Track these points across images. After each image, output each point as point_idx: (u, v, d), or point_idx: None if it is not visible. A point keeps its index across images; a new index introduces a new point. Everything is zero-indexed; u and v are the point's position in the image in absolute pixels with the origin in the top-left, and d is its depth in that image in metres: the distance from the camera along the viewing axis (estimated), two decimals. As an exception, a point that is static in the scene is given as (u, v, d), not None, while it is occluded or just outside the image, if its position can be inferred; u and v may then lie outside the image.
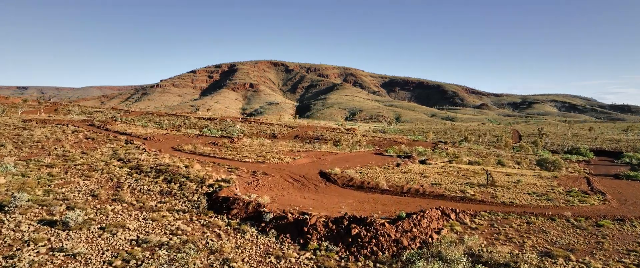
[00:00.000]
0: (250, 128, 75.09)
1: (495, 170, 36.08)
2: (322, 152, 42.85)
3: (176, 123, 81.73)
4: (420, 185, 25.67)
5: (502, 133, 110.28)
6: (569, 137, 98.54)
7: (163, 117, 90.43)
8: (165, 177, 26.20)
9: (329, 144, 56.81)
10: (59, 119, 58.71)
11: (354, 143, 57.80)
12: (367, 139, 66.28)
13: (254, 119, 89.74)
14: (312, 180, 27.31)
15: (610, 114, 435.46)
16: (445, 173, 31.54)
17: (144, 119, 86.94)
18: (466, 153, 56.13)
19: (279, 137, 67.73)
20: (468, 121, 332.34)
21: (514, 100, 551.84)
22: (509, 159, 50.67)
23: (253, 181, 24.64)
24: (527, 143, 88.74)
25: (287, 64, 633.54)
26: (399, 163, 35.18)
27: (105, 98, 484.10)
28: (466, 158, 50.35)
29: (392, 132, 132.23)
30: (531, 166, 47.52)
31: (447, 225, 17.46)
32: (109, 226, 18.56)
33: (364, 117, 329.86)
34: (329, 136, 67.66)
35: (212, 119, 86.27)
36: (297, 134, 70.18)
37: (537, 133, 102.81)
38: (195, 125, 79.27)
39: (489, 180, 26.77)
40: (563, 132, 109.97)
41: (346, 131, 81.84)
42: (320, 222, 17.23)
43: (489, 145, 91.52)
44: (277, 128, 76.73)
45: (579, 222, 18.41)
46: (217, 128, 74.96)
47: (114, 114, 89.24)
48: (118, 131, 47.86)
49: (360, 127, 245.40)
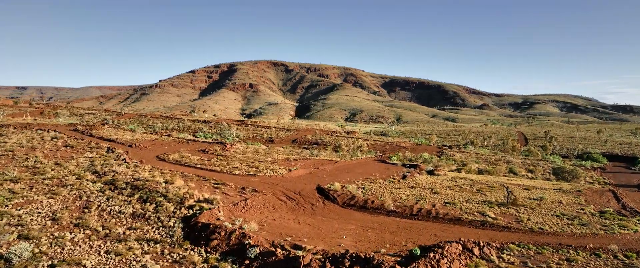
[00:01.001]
0: (247, 132, 71.91)
1: (510, 181, 32.89)
2: (321, 160, 39.67)
3: (169, 126, 78.53)
4: (431, 205, 22.47)
5: (507, 136, 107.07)
6: (577, 140, 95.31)
7: (157, 120, 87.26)
8: (141, 195, 23.01)
9: (328, 150, 53.65)
10: (43, 124, 55.50)
11: (354, 149, 54.64)
12: (368, 143, 63.11)
13: (251, 122, 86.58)
14: (308, 197, 24.13)
15: (612, 114, 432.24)
16: (457, 187, 28.34)
17: (136, 122, 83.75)
18: (474, 160, 52.96)
19: (276, 141, 64.55)
20: (469, 121, 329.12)
21: (515, 100, 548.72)
22: (520, 167, 47.50)
23: (240, 202, 21.44)
24: (535, 146, 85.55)
25: (287, 64, 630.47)
26: (405, 174, 31.98)
27: (104, 99, 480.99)
28: (475, 165, 47.20)
29: (394, 134, 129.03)
30: (545, 174, 44.34)
31: (471, 265, 14.25)
32: (61, 263, 15.38)
33: (364, 118, 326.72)
34: (328, 140, 64.49)
35: (207, 122, 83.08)
36: (295, 138, 67.00)
37: (544, 136, 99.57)
38: (189, 128, 76.10)
39: (509, 198, 23.57)
40: (570, 134, 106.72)
41: (346, 134, 78.68)
42: (316, 262, 14.04)
43: (495, 149, 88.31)
44: (275, 131, 73.54)
45: (630, 259, 15.21)
46: (212, 132, 71.78)
47: (105, 116, 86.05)
48: (102, 137, 44.65)
49: (361, 128, 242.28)
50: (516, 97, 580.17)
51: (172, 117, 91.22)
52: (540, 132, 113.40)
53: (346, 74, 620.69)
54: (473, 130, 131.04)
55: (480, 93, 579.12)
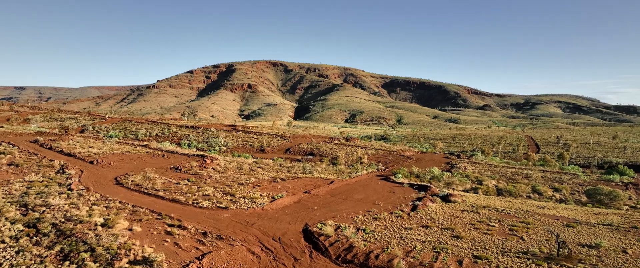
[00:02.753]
0: (236, 139, 65.96)
1: (543, 211, 26.98)
2: (314, 180, 33.74)
3: (154, 132, 72.63)
4: (457, 264, 16.50)
5: (516, 141, 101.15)
6: (592, 146, 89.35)
7: (142, 125, 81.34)
8: (64, 247, 17.04)
9: (325, 162, 47.71)
10: (1, 133, 49.52)
11: (354, 161, 48.69)
12: (369, 154, 57.17)
13: (242, 128, 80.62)
14: (290, 246, 18.19)
15: (616, 115, 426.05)
16: (483, 224, 22.41)
17: (119, 128, 77.85)
18: (488, 174, 47.02)
19: (267, 151, 58.60)
20: (472, 123, 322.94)
21: (517, 101, 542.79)
22: (543, 184, 41.56)
23: (193, 263, 15.47)
24: (549, 154, 79.67)
25: (287, 64, 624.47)
26: (415, 203, 26.04)
27: (100, 99, 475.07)
28: (491, 181, 41.27)
29: (395, 138, 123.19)
30: (575, 193, 38.40)
31: None
32: None
33: (364, 119, 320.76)
34: (325, 149, 58.55)
35: (196, 128, 77.14)
36: (289, 147, 61.07)
37: (556, 141, 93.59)
38: (175, 135, 70.20)
39: (560, 251, 17.58)
40: (582, 139, 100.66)
41: (345, 141, 72.79)
42: None
43: (505, 156, 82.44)
44: (267, 139, 67.59)
45: None
46: (198, 140, 65.87)
47: (85, 122, 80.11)
48: (62, 151, 38.71)
49: (361, 130, 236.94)
50: (518, 97, 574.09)
51: (159, 122, 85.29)
52: (551, 137, 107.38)
53: (346, 74, 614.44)
54: (479, 134, 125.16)
55: (481, 94, 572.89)
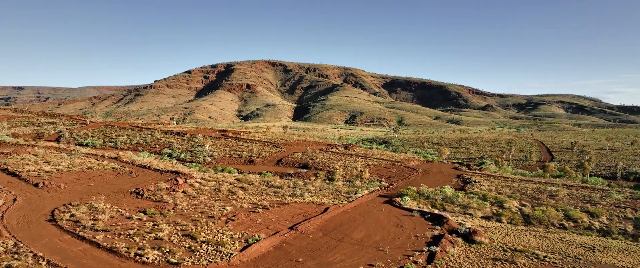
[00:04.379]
0: (223, 149, 59.88)
1: (594, 256, 20.92)
2: (304, 207, 27.71)
3: (135, 140, 66.59)
4: None
5: (527, 146, 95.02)
6: (609, 153, 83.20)
7: (124, 131, 75.30)
8: None
9: (320, 178, 41.65)
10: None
11: (354, 176, 42.62)
12: (371, 165, 51.08)
13: (233, 134, 74.55)
14: None
15: (620, 116, 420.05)
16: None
17: (98, 134, 71.84)
18: (507, 191, 40.92)
19: (256, 162, 52.53)
20: (474, 124, 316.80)
21: (519, 101, 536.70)
22: (572, 204, 35.46)
23: None
24: (565, 162, 73.51)
25: (286, 64, 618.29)
26: (432, 251, 19.97)
27: (97, 100, 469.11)
28: (513, 203, 35.20)
29: (397, 142, 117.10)
30: (616, 220, 32.28)
31: None
32: None
33: (365, 120, 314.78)
34: (320, 160, 52.48)
35: (182, 134, 71.07)
36: (281, 157, 54.99)
37: (569, 147, 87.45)
38: (158, 143, 64.14)
39: None
40: (597, 144, 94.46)
41: (344, 148, 66.77)
42: None
43: (518, 164, 76.29)
44: (258, 147, 61.50)
45: None
46: (182, 148, 59.83)
47: (64, 127, 74.15)
48: (7, 170, 32.67)
49: (361, 132, 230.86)
50: (520, 97, 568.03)
51: (144, 127, 79.26)
52: (563, 142, 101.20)
53: (346, 74, 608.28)
54: (485, 138, 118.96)
55: (483, 94, 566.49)
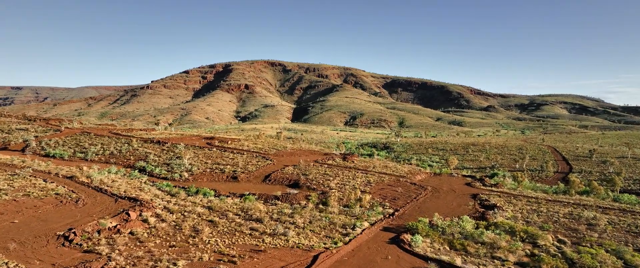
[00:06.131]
0: (206, 161, 53.03)
1: None
2: (285, 255, 20.93)
3: (109, 149, 59.78)
4: None
5: (540, 154, 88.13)
6: (631, 162, 76.26)
7: (100, 139, 68.48)
8: None
9: (311, 203, 34.84)
10: None
11: (352, 201, 35.80)
12: (372, 182, 44.24)
13: (220, 142, 67.73)
14: None
15: (624, 117, 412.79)
16: None
17: (71, 143, 65.04)
18: (536, 219, 34.01)
19: (241, 179, 45.68)
20: (477, 125, 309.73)
21: (521, 101, 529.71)
22: (620, 236, 28.62)
23: None
24: (586, 175, 66.72)
25: (285, 64, 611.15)
26: None
27: (93, 100, 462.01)
28: (549, 238, 28.27)
29: (400, 148, 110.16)
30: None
31: None
32: None
33: (365, 121, 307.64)
34: (314, 177, 45.65)
35: (162, 144, 64.23)
36: (270, 172, 48.13)
37: (588, 155, 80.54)
38: (133, 154, 57.30)
39: None
40: (616, 151, 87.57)
41: (342, 159, 59.99)
42: None
43: (533, 176, 69.45)
44: (245, 159, 54.65)
45: None
46: (159, 161, 53.01)
47: (31, 135, 67.33)
48: None
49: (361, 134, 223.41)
50: (522, 98, 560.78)
51: (122, 134, 72.46)
52: (578, 149, 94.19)
53: (346, 74, 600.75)
54: (492, 143, 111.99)
55: (484, 94, 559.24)
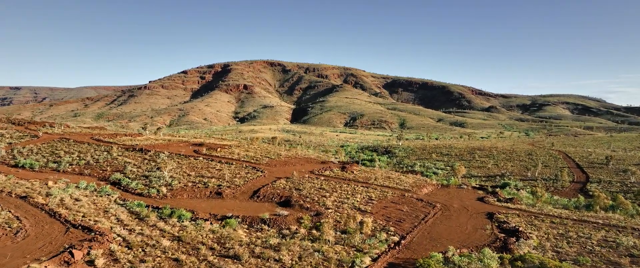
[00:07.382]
0: (189, 172, 47.96)
1: None
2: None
3: (86, 158, 54.73)
4: None
5: (552, 160, 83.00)
6: (651, 169, 70.87)
7: (79, 146, 63.45)
8: None
9: (303, 227, 29.75)
10: None
11: (351, 227, 30.68)
12: (374, 198, 39.12)
13: (207, 150, 62.66)
14: None
15: (628, 117, 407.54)
16: None
17: (46, 151, 60.01)
18: (566, 249, 28.90)
19: (226, 195, 40.58)
20: (479, 126, 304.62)
21: (523, 102, 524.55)
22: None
23: None
24: (606, 185, 61.50)
25: (285, 64, 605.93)
26: None
27: (90, 101, 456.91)
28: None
29: (402, 153, 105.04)
30: None
31: None
32: None
33: (365, 123, 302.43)
34: (308, 192, 40.56)
35: (145, 151, 59.20)
36: (260, 187, 43.03)
37: (604, 162, 75.40)
38: (111, 164, 52.26)
39: None
40: (634, 157, 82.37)
41: (341, 170, 54.92)
42: None
43: (548, 186, 64.34)
44: (232, 171, 49.55)
45: None
46: (137, 173, 47.93)
47: (7, 141, 62.30)
48: None
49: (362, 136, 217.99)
50: (523, 98, 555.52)
51: (103, 141, 67.43)
52: (592, 154, 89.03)
53: (346, 74, 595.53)
54: (499, 147, 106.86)
55: (486, 94, 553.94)
